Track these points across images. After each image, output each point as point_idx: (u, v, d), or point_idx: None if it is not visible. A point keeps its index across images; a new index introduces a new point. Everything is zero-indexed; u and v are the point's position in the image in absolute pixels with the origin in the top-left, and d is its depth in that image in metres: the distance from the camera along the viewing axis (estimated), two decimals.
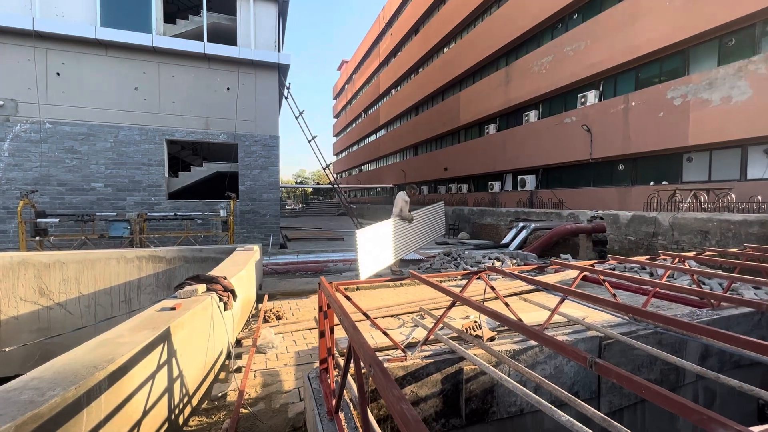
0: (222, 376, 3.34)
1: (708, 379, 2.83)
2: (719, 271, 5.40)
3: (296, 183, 70.49)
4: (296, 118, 12.20)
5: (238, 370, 3.37)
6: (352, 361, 1.64)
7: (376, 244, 6.53)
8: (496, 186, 20.88)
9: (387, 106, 36.40)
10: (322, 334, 2.51)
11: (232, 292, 3.53)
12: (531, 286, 5.45)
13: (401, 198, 7.39)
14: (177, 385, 2.52)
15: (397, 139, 34.14)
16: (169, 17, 11.78)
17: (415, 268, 8.44)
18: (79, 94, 9.86)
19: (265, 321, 4.71)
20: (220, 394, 2.99)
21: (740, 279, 4.09)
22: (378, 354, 3.12)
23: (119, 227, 9.31)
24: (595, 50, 14.60)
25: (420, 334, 3.76)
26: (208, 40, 10.88)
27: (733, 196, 9.41)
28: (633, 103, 13.38)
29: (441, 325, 3.77)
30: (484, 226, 15.44)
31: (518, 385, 2.48)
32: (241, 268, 4.52)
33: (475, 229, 15.99)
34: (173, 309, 2.76)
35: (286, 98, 12.07)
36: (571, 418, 2.09)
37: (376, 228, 6.63)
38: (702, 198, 9.74)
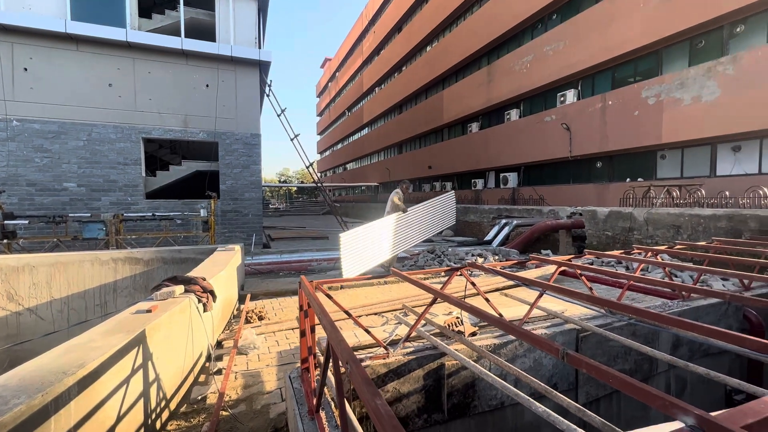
0: (202, 378, 3.28)
1: (679, 367, 2.94)
2: (690, 264, 5.62)
3: (280, 182, 69.65)
4: (278, 116, 12.04)
5: (219, 372, 3.32)
6: (331, 359, 1.63)
7: (363, 244, 6.50)
8: (480, 184, 21.14)
9: (371, 104, 36.34)
10: (302, 334, 2.49)
11: (212, 293, 3.47)
12: (511, 282, 5.55)
13: (394, 196, 7.39)
14: (154, 389, 2.46)
15: (382, 137, 34.14)
16: (145, 12, 11.43)
17: (399, 266, 8.47)
18: (48, 91, 9.47)
19: (247, 322, 4.65)
20: (199, 397, 2.93)
21: (709, 271, 4.27)
22: (361, 352, 3.13)
23: (94, 228, 9.00)
24: (574, 50, 14.93)
25: (403, 331, 3.78)
26: (186, 36, 10.61)
27: (703, 191, 9.80)
28: (610, 102, 13.75)
29: (423, 322, 3.80)
30: (468, 223, 15.62)
31: (498, 378, 2.53)
32: (222, 268, 4.44)
33: (458, 226, 16.15)
34: (149, 311, 2.69)
35: (268, 96, 11.90)
36: (548, 410, 2.14)
37: (362, 229, 6.59)
38: (674, 194, 10.11)
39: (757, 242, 5.44)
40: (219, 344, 4.02)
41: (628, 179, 13.69)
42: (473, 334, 3.57)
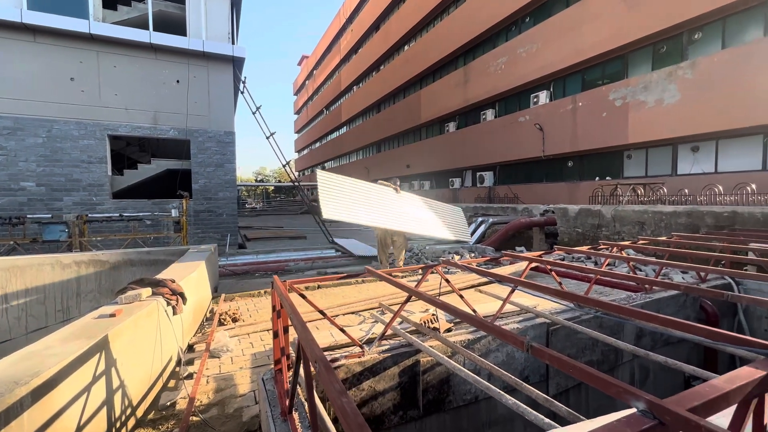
0: (171, 383, 3.17)
1: (642, 356, 3.09)
2: (653, 258, 5.90)
3: (256, 181, 68.26)
4: (253, 113, 11.79)
5: (190, 376, 3.22)
6: (302, 359, 1.62)
7: (346, 192, 5.85)
8: (457, 182, 21.44)
9: (349, 102, 36.17)
10: (275, 335, 2.46)
11: (182, 295, 3.36)
12: (486, 279, 5.67)
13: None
14: (118, 397, 2.37)
15: (360, 136, 34.05)
16: (109, 3, 10.92)
17: (377, 265, 8.49)
18: (1, 84, 8.89)
19: (221, 324, 4.54)
20: (168, 403, 2.84)
21: (669, 264, 4.50)
22: (338, 351, 3.12)
23: (55, 230, 8.53)
24: (546, 52, 15.37)
25: (380, 329, 3.79)
26: (155, 30, 10.21)
27: (665, 189, 10.32)
28: (580, 104, 14.25)
29: (400, 320, 3.83)
30: None
31: (470, 373, 2.58)
32: (193, 269, 4.31)
33: None
34: (113, 316, 2.58)
35: (242, 93, 11.63)
36: (517, 401, 2.20)
37: (344, 178, 5.99)
38: (639, 192, 10.60)
39: (713, 237, 5.78)
40: (190, 348, 3.91)
41: (597, 178, 14.24)
42: (448, 330, 3.62)
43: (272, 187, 61.34)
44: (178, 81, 10.41)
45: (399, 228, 6.44)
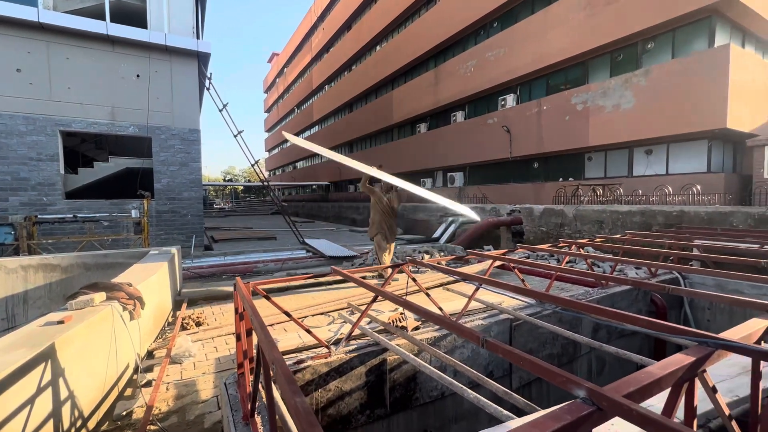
0: (128, 392, 3.03)
1: (604, 351, 3.26)
2: (609, 255, 6.25)
3: (225, 181, 66.18)
4: (220, 111, 11.43)
5: (148, 384, 3.09)
6: (262, 361, 1.59)
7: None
8: (428, 183, 21.73)
9: (321, 101, 35.80)
10: (238, 338, 2.41)
11: (139, 299, 3.22)
12: (453, 277, 5.79)
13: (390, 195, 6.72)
14: (67, 408, 2.23)
15: (332, 135, 33.77)
16: None
17: (348, 265, 8.46)
18: None
19: (184, 328, 4.38)
20: (124, 413, 2.71)
21: (623, 261, 4.77)
22: (305, 352, 3.09)
23: (0, 233, 7.90)
24: (513, 57, 15.88)
25: (349, 329, 3.79)
26: (113, 20, 9.67)
27: (622, 190, 10.94)
28: (545, 107, 14.83)
29: (368, 319, 3.84)
30: (417, 221, 15.99)
31: (435, 370, 2.63)
32: (153, 272, 4.13)
33: (408, 224, 16.49)
34: (61, 323, 2.43)
35: (208, 89, 11.25)
36: (479, 396, 2.27)
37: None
38: (599, 192, 11.17)
39: (662, 234, 6.19)
40: (150, 354, 3.74)
41: (560, 179, 14.87)
42: (416, 328, 3.68)
43: (241, 187, 59.72)
44: (138, 75, 9.91)
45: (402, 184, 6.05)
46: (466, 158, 18.66)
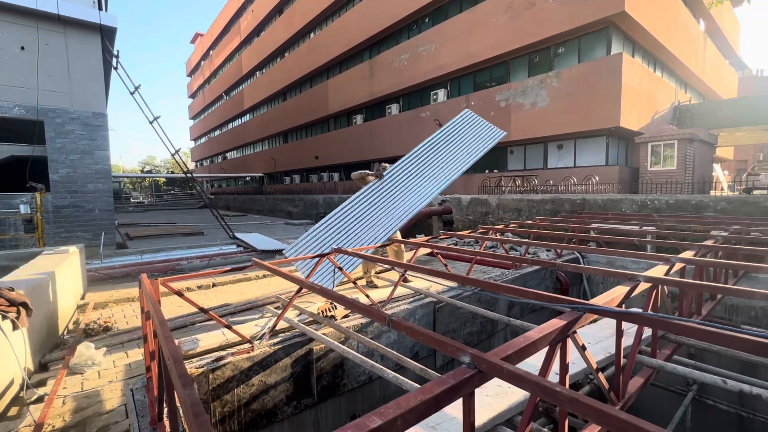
0: (13, 411, 2.65)
1: (512, 324, 3.60)
2: (526, 240, 6.89)
3: (143, 172, 59.83)
4: (131, 93, 10.25)
5: (40, 399, 2.74)
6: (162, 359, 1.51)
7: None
8: None
9: (252, 88, 33.85)
10: (146, 339, 2.24)
11: (24, 305, 2.81)
12: (386, 266, 5.94)
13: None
14: None
15: (265, 125, 32.22)
16: None
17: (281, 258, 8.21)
18: None
19: (88, 335, 3.93)
20: None
21: (534, 244, 5.30)
22: (228, 349, 2.96)
23: None
24: (443, 53, 16.49)
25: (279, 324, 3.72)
26: None
27: (537, 181, 12.06)
28: (473, 103, 15.68)
29: (298, 311, 3.80)
30: None
31: (359, 355, 2.70)
32: (46, 275, 3.63)
33: None
34: None
35: (116, 69, 10.00)
36: (398, 375, 2.38)
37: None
38: (518, 183, 12.18)
39: (567, 219, 6.98)
40: (44, 366, 3.31)
41: (486, 171, 15.92)
42: (346, 317, 3.73)
43: (163, 179, 54.56)
44: (22, 48, 8.46)
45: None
46: (403, 150, 18.99)
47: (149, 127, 12.39)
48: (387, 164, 5.52)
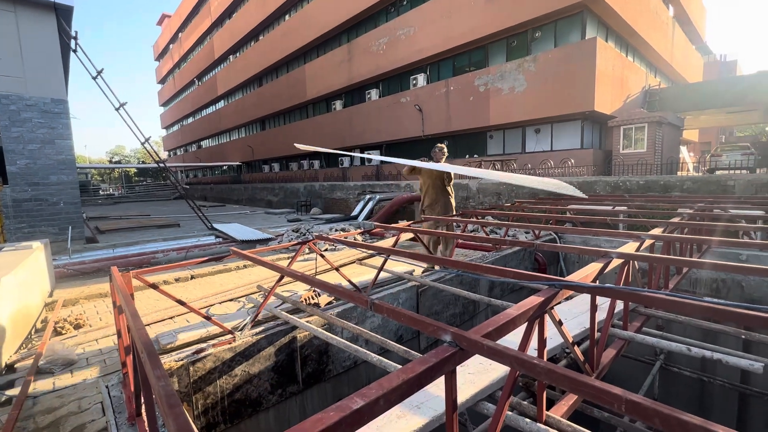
0: None
1: (492, 304, 3.67)
2: (506, 222, 7.02)
3: (112, 162, 57.21)
4: (94, 78, 9.68)
5: (7, 402, 2.62)
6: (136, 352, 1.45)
7: None
8: (346, 161, 21.62)
9: (226, 73, 32.60)
10: (119, 334, 2.15)
11: None
12: (368, 252, 5.94)
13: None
14: None
15: (241, 111, 31.23)
16: None
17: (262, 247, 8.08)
18: None
19: (58, 333, 3.77)
20: None
21: (514, 225, 5.39)
22: (210, 341, 2.90)
23: None
24: (422, 37, 16.29)
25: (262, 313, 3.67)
26: None
27: (515, 165, 12.24)
28: (452, 88, 15.64)
29: (281, 300, 3.76)
30: (335, 200, 15.90)
31: (342, 340, 2.70)
32: (6, 273, 3.43)
33: (327, 204, 16.31)
34: None
35: (75, 51, 9.39)
36: (382, 358, 2.40)
37: None
38: (497, 167, 12.33)
39: (544, 201, 7.13)
40: (11, 368, 3.16)
41: (467, 155, 16.03)
42: (329, 303, 3.71)
43: (134, 170, 52.41)
44: None
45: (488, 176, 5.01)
46: (383, 136, 18.93)
47: (116, 115, 11.78)
48: (442, 145, 5.66)
